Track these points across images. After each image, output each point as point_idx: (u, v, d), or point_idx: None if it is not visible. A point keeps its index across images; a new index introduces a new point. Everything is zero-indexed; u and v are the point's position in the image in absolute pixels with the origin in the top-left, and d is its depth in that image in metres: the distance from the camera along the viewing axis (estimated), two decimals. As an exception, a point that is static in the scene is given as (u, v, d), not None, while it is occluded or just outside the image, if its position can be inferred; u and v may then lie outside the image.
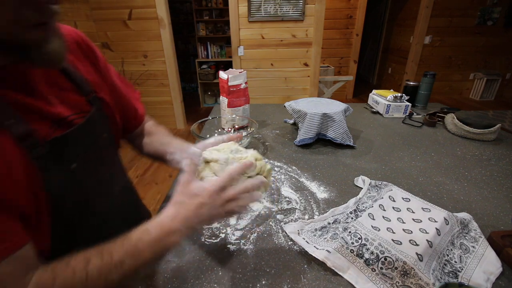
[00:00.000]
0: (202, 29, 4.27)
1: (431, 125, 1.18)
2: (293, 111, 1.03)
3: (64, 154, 0.42)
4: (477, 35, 4.08)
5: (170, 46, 3.00)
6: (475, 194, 0.73)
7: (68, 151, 0.42)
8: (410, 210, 0.61)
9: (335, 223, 0.61)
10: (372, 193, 0.71)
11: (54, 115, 0.41)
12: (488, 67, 4.29)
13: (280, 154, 0.96)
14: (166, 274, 0.51)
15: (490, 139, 1.03)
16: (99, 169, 0.50)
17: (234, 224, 0.64)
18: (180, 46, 4.93)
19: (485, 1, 3.89)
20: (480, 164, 0.88)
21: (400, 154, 0.94)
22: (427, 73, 1.36)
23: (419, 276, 0.45)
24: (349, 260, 0.51)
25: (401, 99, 1.29)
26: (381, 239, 0.51)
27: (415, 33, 4.06)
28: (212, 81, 4.29)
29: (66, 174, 0.42)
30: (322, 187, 0.76)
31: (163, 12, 2.83)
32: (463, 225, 0.59)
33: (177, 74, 3.22)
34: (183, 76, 4.50)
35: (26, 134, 0.36)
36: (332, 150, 0.98)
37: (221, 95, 1.13)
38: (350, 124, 1.16)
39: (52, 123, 0.41)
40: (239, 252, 0.56)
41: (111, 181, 0.55)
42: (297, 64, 3.04)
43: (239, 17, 2.83)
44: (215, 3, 4.13)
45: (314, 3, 2.76)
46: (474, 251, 0.54)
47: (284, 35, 2.91)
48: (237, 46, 2.95)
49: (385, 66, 5.20)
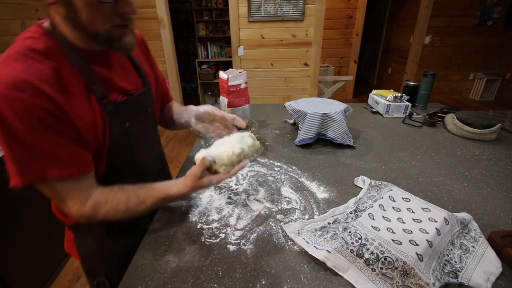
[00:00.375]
0: (202, 29, 4.27)
1: (431, 125, 1.18)
2: (293, 111, 1.03)
3: (123, 114, 0.59)
4: (477, 35, 4.08)
5: (170, 46, 3.00)
6: (475, 194, 0.73)
7: (126, 113, 0.60)
8: (410, 210, 0.61)
9: (335, 223, 0.61)
10: (372, 193, 0.71)
11: (120, 87, 0.59)
12: (488, 67, 4.29)
13: (280, 154, 0.96)
14: (166, 274, 0.51)
15: (490, 139, 1.03)
16: (144, 132, 0.68)
17: (234, 224, 0.64)
18: (180, 46, 4.92)
19: (485, 1, 3.89)
20: (480, 164, 0.88)
21: (400, 154, 0.94)
22: (427, 73, 1.36)
23: (419, 276, 0.45)
24: (349, 260, 0.51)
25: (401, 99, 1.29)
26: (381, 239, 0.51)
27: (415, 33, 4.06)
28: (212, 81, 4.29)
29: (122, 129, 0.59)
30: (322, 187, 0.76)
31: (163, 12, 2.82)
32: (463, 225, 0.59)
33: (177, 74, 3.21)
34: (183, 76, 4.51)
35: (103, 95, 0.54)
36: (332, 150, 0.98)
37: (221, 95, 1.13)
38: (350, 124, 1.16)
39: (119, 92, 0.59)
40: (239, 252, 0.56)
41: (151, 145, 0.73)
42: (297, 64, 3.04)
43: (239, 17, 2.83)
44: (215, 3, 4.13)
45: (314, 3, 2.76)
46: (474, 251, 0.54)
47: (284, 35, 2.90)
48: (237, 46, 2.95)
49: (385, 66, 5.20)
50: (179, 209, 0.69)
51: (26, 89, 0.43)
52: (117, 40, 0.51)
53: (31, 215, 1.29)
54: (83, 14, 0.47)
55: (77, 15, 0.47)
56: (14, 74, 0.43)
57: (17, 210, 1.24)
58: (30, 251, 1.30)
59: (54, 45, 0.49)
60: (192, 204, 0.71)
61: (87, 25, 0.48)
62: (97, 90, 0.53)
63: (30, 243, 1.30)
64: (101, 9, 0.47)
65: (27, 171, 0.47)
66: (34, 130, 0.45)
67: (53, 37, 0.50)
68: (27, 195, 1.25)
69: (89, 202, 0.53)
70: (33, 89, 0.44)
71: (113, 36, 0.50)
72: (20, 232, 1.25)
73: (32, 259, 1.31)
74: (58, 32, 0.50)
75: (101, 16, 0.47)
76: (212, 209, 0.69)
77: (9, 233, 1.20)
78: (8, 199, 1.19)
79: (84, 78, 0.52)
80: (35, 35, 0.49)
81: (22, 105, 0.43)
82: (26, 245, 1.28)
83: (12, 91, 0.42)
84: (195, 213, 0.68)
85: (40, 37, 0.49)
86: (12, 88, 0.42)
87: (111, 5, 0.48)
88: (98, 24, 0.48)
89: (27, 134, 0.44)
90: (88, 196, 0.53)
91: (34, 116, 0.44)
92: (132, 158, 0.65)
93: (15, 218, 1.23)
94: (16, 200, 1.22)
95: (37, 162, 0.47)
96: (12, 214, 1.22)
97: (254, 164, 0.89)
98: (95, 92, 0.53)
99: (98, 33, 0.49)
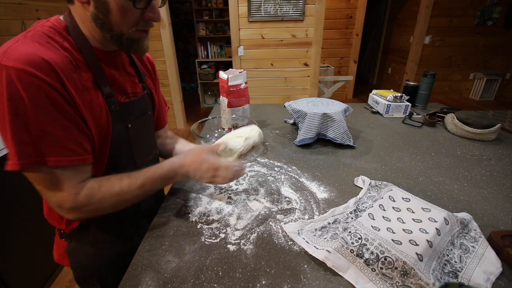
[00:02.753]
0: (202, 29, 4.27)
1: (431, 125, 1.18)
2: (293, 111, 1.03)
3: (126, 115, 0.61)
4: (477, 35, 4.08)
5: (170, 46, 3.00)
6: (475, 194, 0.73)
7: (128, 114, 0.61)
8: (410, 210, 0.61)
9: (335, 223, 0.61)
10: (372, 193, 0.71)
11: (124, 89, 0.61)
12: (488, 67, 4.29)
13: (280, 154, 0.96)
14: (166, 274, 0.51)
15: (490, 139, 1.03)
16: (143, 134, 0.69)
17: (234, 224, 0.64)
18: (180, 46, 4.92)
19: (485, 1, 3.89)
20: (480, 164, 0.88)
21: (400, 154, 0.94)
22: (427, 73, 1.36)
23: (419, 276, 0.45)
24: (349, 260, 0.51)
25: (401, 99, 1.29)
26: (381, 239, 0.51)
27: (415, 33, 4.06)
28: (212, 81, 4.29)
29: (124, 129, 0.60)
30: (322, 187, 0.76)
31: (163, 12, 2.82)
32: (463, 225, 0.59)
33: (177, 74, 3.22)
34: (183, 76, 4.51)
35: (110, 95, 0.56)
36: (332, 150, 0.98)
37: (221, 95, 1.13)
38: (350, 124, 1.16)
39: (122, 93, 0.61)
40: (239, 252, 0.56)
41: (149, 147, 0.74)
42: (297, 64, 3.04)
43: (239, 17, 2.83)
44: (215, 3, 4.13)
45: (314, 3, 2.76)
46: (474, 251, 0.54)
47: (284, 35, 2.90)
48: (237, 46, 2.95)
49: (385, 66, 5.20)
50: (179, 209, 0.69)
51: (40, 67, 0.43)
52: (136, 43, 0.55)
53: (32, 215, 1.29)
54: (114, 16, 0.49)
55: (108, 16, 0.49)
56: (31, 51, 0.43)
57: (17, 209, 1.24)
58: (30, 251, 1.30)
59: (71, 39, 0.51)
60: (192, 204, 0.71)
61: (114, 26, 0.50)
62: (105, 88, 0.55)
63: (30, 243, 1.30)
64: (133, 14, 0.50)
65: (27, 154, 0.45)
66: (43, 110, 0.44)
67: (70, 32, 0.51)
68: (27, 195, 1.25)
69: (84, 191, 0.52)
70: (47, 68, 0.44)
71: (134, 39, 0.54)
72: (20, 232, 1.25)
73: (32, 259, 1.31)
74: (76, 28, 0.52)
75: (130, 20, 0.51)
76: (212, 209, 0.69)
77: (9, 233, 1.20)
78: (9, 197, 1.19)
79: (94, 75, 0.54)
80: (55, 25, 0.50)
81: (34, 82, 0.43)
82: (26, 245, 1.28)
83: (26, 67, 0.42)
84: (195, 213, 0.68)
85: (60, 29, 0.50)
86: (27, 63, 0.42)
87: (142, 11, 0.51)
88: (125, 26, 0.51)
89: (34, 112, 0.44)
90: (82, 186, 0.52)
91: (44, 95, 0.44)
92: (132, 160, 0.65)
93: (15, 218, 1.23)
94: (17, 199, 1.22)
95: (39, 144, 0.45)
96: (12, 213, 1.22)
97: (254, 164, 0.89)
98: (103, 91, 0.55)
99: (122, 35, 0.52)
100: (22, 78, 0.42)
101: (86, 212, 0.53)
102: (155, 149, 0.79)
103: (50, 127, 0.46)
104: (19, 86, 0.42)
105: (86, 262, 0.68)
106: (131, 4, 0.49)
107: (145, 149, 0.71)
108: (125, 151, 0.63)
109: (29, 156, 0.45)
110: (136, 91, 0.65)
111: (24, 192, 1.24)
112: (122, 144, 0.61)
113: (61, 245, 0.68)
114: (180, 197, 0.74)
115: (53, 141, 0.47)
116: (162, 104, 0.81)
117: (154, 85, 0.76)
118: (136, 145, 0.65)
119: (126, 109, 0.60)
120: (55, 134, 0.47)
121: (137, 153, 0.67)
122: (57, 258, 0.71)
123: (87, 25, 0.52)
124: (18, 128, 0.44)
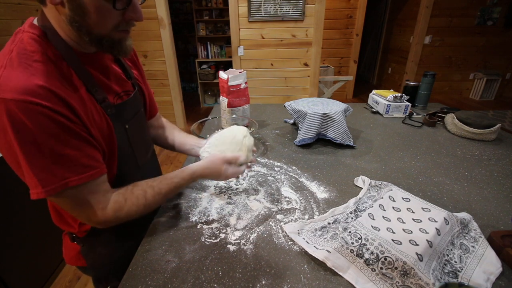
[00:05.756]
0: (202, 29, 4.26)
1: (431, 125, 1.18)
2: (293, 111, 1.03)
3: (122, 116, 0.60)
4: (477, 35, 4.07)
5: (170, 46, 3.00)
6: (475, 194, 0.73)
7: (124, 115, 0.61)
8: (410, 210, 0.61)
9: (335, 223, 0.61)
10: (372, 193, 0.71)
11: (114, 90, 0.60)
12: (488, 67, 4.29)
13: (280, 154, 0.96)
14: (166, 274, 0.51)
15: (490, 139, 1.03)
16: (140, 132, 0.69)
17: (234, 224, 0.64)
18: (180, 46, 4.92)
19: (485, 1, 3.89)
20: (480, 164, 0.88)
21: (400, 154, 0.94)
22: (427, 73, 1.36)
23: (419, 276, 0.45)
24: (349, 260, 0.51)
25: (401, 99, 1.29)
26: (381, 239, 0.51)
27: (415, 33, 4.06)
28: (212, 81, 4.28)
29: (123, 131, 0.60)
30: (322, 187, 0.76)
31: (163, 12, 2.82)
32: (463, 225, 0.59)
33: (177, 74, 3.21)
34: (183, 76, 4.50)
35: (104, 99, 0.55)
36: (332, 150, 0.98)
37: (221, 95, 1.13)
38: (350, 124, 1.16)
39: (114, 94, 0.59)
40: (239, 252, 0.56)
41: (146, 144, 0.74)
42: (297, 64, 3.04)
43: (239, 17, 2.83)
44: (215, 3, 4.12)
45: (314, 3, 2.76)
46: (474, 251, 0.54)
47: (284, 35, 2.90)
48: (237, 46, 2.95)
49: (385, 66, 5.19)
50: (179, 209, 0.69)
51: (39, 94, 0.42)
52: (117, 44, 0.52)
53: (32, 215, 1.29)
54: (91, 19, 0.46)
55: (85, 18, 0.46)
56: (25, 79, 0.42)
57: (17, 209, 1.24)
58: (30, 251, 1.30)
59: (51, 46, 0.48)
60: (192, 204, 0.71)
61: (93, 29, 0.47)
62: (97, 93, 0.53)
63: (30, 243, 1.30)
64: (113, 15, 0.47)
65: (49, 180, 0.45)
66: (51, 135, 0.44)
67: (48, 38, 0.48)
68: (27, 196, 1.25)
69: (110, 206, 0.53)
70: (46, 94, 0.43)
71: (115, 40, 0.51)
72: (20, 232, 1.25)
73: (32, 259, 1.31)
74: (53, 33, 0.49)
75: (109, 21, 0.48)
76: (212, 209, 0.69)
77: (9, 233, 1.20)
78: (9, 198, 1.19)
79: (83, 81, 0.52)
80: (34, 35, 0.47)
81: (37, 110, 0.42)
82: (26, 245, 1.28)
83: (26, 97, 0.41)
84: (195, 213, 0.68)
85: (39, 37, 0.47)
86: (25, 93, 0.41)
87: (122, 11, 0.48)
88: (105, 29, 0.48)
89: (44, 138, 0.43)
90: (107, 200, 0.53)
91: (49, 121, 0.43)
92: (134, 159, 0.66)
93: (15, 218, 1.23)
94: (17, 199, 1.22)
95: (57, 168, 0.46)
96: (13, 213, 1.22)
97: (254, 164, 0.89)
98: (96, 96, 0.53)
99: (102, 37, 0.49)
100: (24, 109, 0.41)
101: (115, 223, 0.56)
102: (152, 145, 0.79)
103: (64, 149, 0.46)
104: (23, 117, 0.41)
105: (101, 262, 0.69)
106: (110, 5, 0.45)
107: (144, 147, 0.71)
108: (127, 152, 0.63)
109: (52, 182, 0.45)
110: (126, 89, 0.64)
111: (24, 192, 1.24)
112: (123, 146, 0.61)
113: (72, 248, 0.69)
114: (180, 197, 0.74)
115: (69, 161, 0.47)
116: (150, 92, 0.79)
117: (140, 75, 0.74)
118: (135, 144, 0.66)
119: (121, 110, 0.60)
120: (69, 155, 0.47)
121: (138, 153, 0.67)
122: (68, 260, 0.71)
123: (63, 28, 0.49)
124: (33, 157, 0.44)
